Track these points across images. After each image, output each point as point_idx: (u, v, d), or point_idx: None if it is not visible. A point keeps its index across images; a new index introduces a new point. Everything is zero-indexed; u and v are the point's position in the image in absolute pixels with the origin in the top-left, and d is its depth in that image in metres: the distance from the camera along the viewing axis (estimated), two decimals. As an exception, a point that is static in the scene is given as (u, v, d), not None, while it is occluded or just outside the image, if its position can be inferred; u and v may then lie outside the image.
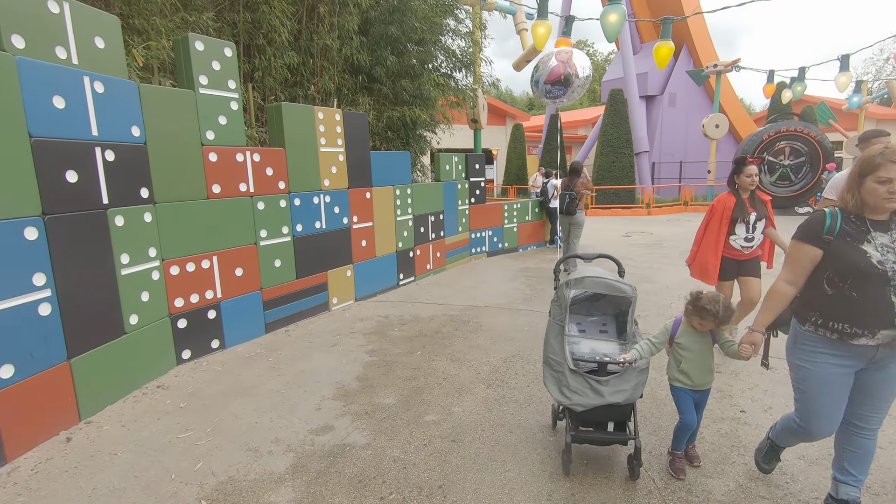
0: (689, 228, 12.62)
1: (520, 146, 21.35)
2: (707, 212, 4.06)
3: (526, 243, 9.78)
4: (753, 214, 3.84)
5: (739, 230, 3.89)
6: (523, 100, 49.04)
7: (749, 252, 3.97)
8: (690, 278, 6.73)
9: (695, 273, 4.23)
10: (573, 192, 7.41)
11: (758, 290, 3.99)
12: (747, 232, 3.87)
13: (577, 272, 2.66)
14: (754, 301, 4.04)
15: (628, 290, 2.60)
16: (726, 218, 3.89)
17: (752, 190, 3.87)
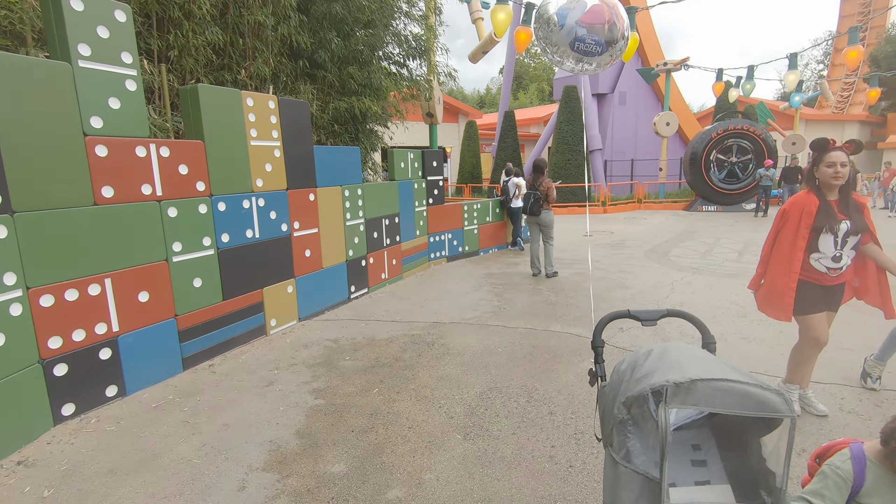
0: (648, 227, 12.49)
1: (473, 144, 20.83)
2: (777, 217, 3.02)
3: (487, 246, 9.16)
4: (845, 223, 2.76)
5: (825, 245, 2.81)
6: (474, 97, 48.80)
7: (837, 277, 2.87)
8: (674, 285, 6.20)
9: (761, 304, 3.14)
10: (538, 192, 6.85)
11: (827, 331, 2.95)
12: (835, 248, 2.80)
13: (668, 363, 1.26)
14: (822, 345, 2.97)
15: (781, 405, 1.14)
16: (805, 226, 2.82)
17: (842, 188, 2.80)
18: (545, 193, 6.88)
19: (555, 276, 7.10)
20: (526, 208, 6.96)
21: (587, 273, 7.27)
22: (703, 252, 8.88)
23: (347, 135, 7.36)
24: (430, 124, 9.69)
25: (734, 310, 5.31)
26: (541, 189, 6.89)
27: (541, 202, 6.89)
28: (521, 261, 8.36)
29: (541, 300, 5.84)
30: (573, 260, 8.32)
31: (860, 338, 4.35)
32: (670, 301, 5.71)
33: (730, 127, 15.70)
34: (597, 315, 5.20)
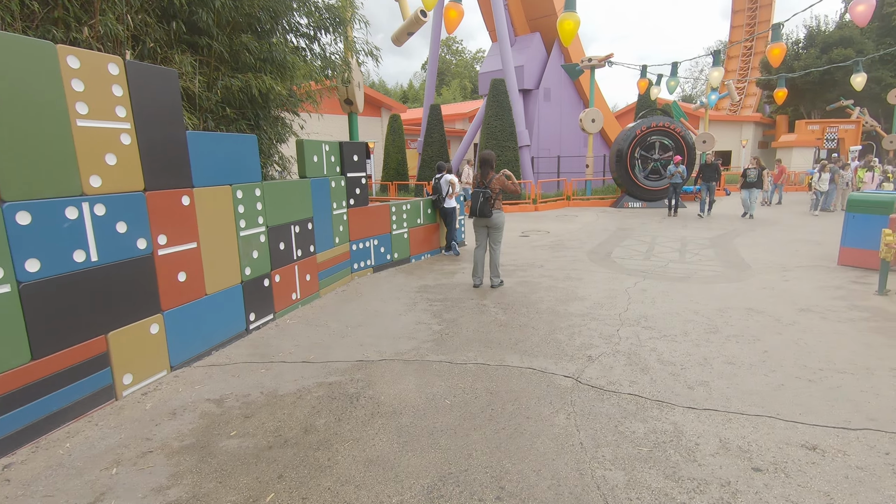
0: (582, 225, 12.11)
1: (398, 139, 19.66)
2: None
3: (419, 252, 8.11)
4: None
5: None
6: (397, 92, 47.47)
7: None
8: (629, 293, 5.58)
9: None
10: (488, 190, 5.91)
11: None
12: None
13: None
14: None
15: None
16: None
17: None
18: (497, 191, 5.95)
19: (500, 287, 6.21)
20: (475, 209, 5.98)
21: (534, 281, 6.46)
22: (645, 252, 8.47)
23: (245, 121, 5.94)
24: (349, 113, 8.44)
25: (702, 323, 4.69)
26: (491, 186, 5.95)
27: (491, 201, 5.95)
28: (458, 268, 7.40)
29: (489, 320, 4.89)
30: (515, 265, 7.51)
31: (852, 351, 3.84)
32: (631, 314, 5.01)
33: (652, 124, 15.91)
34: (556, 337, 4.35)
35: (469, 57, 67.34)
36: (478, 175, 6.11)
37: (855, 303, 5.29)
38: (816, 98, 29.59)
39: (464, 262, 7.89)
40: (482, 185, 6.00)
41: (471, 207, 6.04)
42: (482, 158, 6.07)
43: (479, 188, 6.00)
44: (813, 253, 8.11)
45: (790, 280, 6.36)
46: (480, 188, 5.99)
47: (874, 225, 6.85)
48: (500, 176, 6.00)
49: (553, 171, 21.40)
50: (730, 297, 5.56)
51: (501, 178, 5.98)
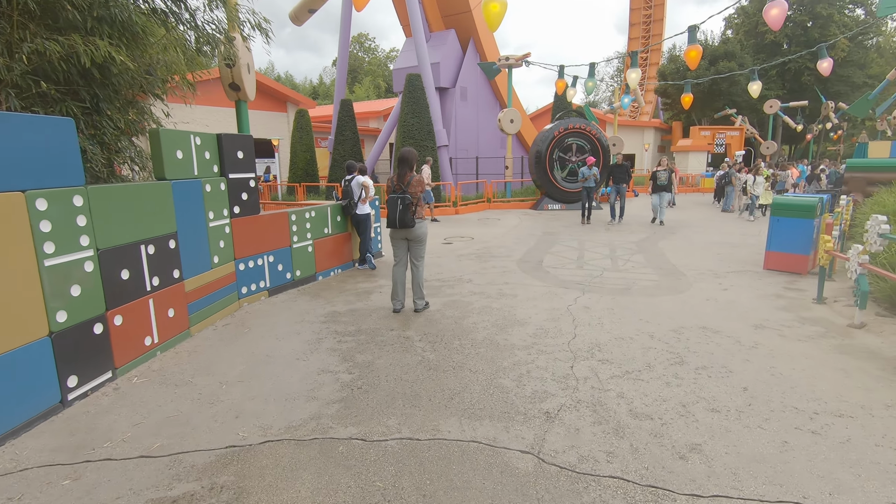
0: (506, 230, 11.48)
1: (306, 136, 17.96)
2: None
3: (327, 267, 6.86)
4: None
5: None
6: (306, 88, 44.80)
7: None
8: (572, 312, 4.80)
9: None
10: (407, 195, 4.86)
11: None
12: None
13: None
14: None
15: None
16: None
17: None
18: (418, 196, 4.92)
19: (425, 310, 5.20)
20: (392, 218, 4.90)
21: (464, 301, 5.53)
22: (576, 260, 7.92)
23: (76, 103, 4.35)
24: (236, 101, 6.97)
25: (662, 351, 4.03)
26: (411, 190, 4.91)
27: (412, 209, 4.91)
28: (375, 287, 6.28)
29: (415, 361, 3.86)
30: (441, 280, 6.55)
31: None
32: (581, 342, 4.25)
33: (570, 126, 15.84)
34: (501, 383, 3.42)
35: (383, 56, 65.89)
36: (393, 177, 5.05)
37: (801, 314, 4.98)
38: (706, 107, 32.17)
39: (381, 277, 6.78)
40: (399, 189, 4.95)
41: (387, 216, 4.97)
42: (401, 157, 5.02)
43: (396, 193, 4.95)
44: (736, 256, 8.04)
45: (728, 289, 6.04)
46: (397, 193, 4.94)
47: (798, 229, 6.80)
48: (421, 177, 5.00)
49: (472, 172, 20.88)
50: (679, 314, 5.02)
51: (421, 180, 4.97)
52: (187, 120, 6.76)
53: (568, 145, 15.99)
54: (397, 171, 5.07)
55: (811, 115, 31.46)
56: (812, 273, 6.83)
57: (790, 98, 29.61)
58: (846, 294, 5.62)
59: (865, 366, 3.68)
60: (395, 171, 5.08)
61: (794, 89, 32.52)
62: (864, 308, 4.51)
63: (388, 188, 5.10)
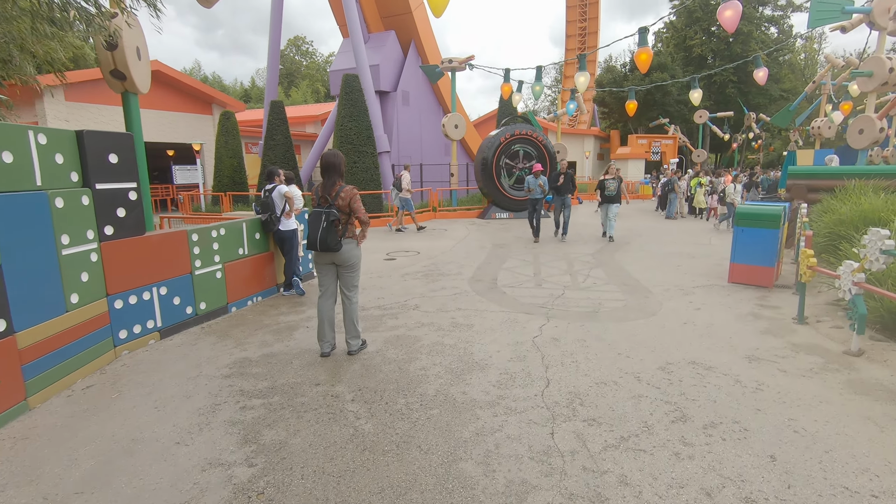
0: (455, 242, 10.64)
1: (232, 140, 16.31)
2: None
3: (243, 295, 5.67)
4: None
5: None
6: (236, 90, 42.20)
7: None
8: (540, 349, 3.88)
9: None
10: (333, 210, 3.85)
11: None
12: None
13: None
14: None
15: None
16: None
17: None
18: (348, 211, 3.93)
19: (361, 351, 4.20)
20: (313, 238, 3.87)
21: (411, 336, 4.57)
22: (533, 276, 7.18)
23: None
24: (123, 93, 5.65)
25: (657, 401, 3.27)
26: (339, 203, 3.90)
27: (339, 227, 3.90)
28: (301, 319, 5.17)
29: (345, 437, 2.85)
30: (382, 308, 5.55)
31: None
32: (558, 392, 3.41)
33: (516, 132, 15.34)
34: (463, 471, 2.50)
35: (321, 60, 63.82)
36: (318, 187, 4.03)
37: (789, 339, 4.44)
38: (641, 116, 33.22)
39: (310, 305, 5.68)
40: (325, 203, 3.94)
41: (309, 236, 3.93)
42: (326, 162, 4.00)
43: (321, 207, 3.93)
44: (697, 269, 7.62)
45: (701, 308, 5.47)
46: (322, 207, 3.93)
47: (764, 240, 6.41)
48: (351, 188, 4.01)
49: (416, 180, 19.99)
50: (660, 344, 4.32)
51: (352, 193, 3.99)
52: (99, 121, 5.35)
53: (515, 152, 15.48)
54: (323, 179, 4.05)
55: (735, 125, 33.29)
56: (779, 286, 6.46)
57: (716, 109, 31.14)
58: (826, 312, 5.19)
59: (891, 411, 3.09)
60: (322, 181, 4.05)
61: (720, 101, 34.34)
62: (863, 333, 4.00)
63: (313, 200, 4.08)
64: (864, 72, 11.89)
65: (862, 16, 11.99)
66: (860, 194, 8.33)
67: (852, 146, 12.28)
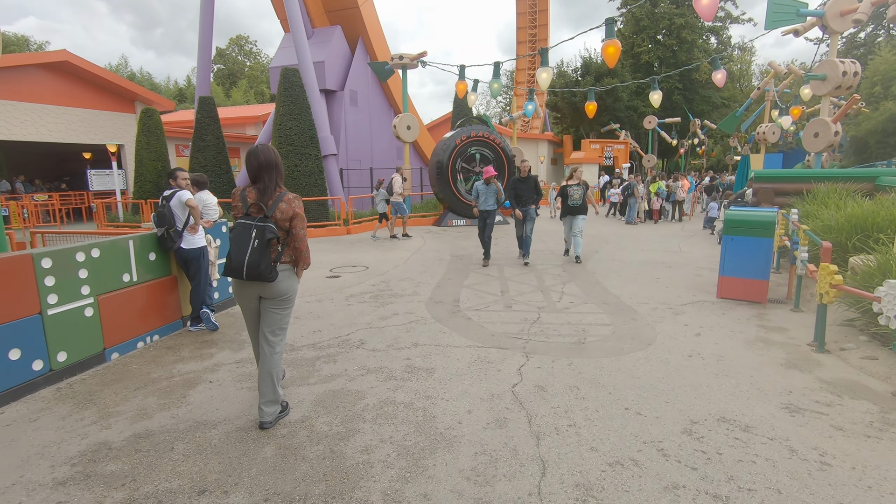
0: (409, 253, 9.50)
1: (156, 141, 14.43)
2: None
3: (131, 336, 4.30)
4: None
5: None
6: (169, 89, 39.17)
7: None
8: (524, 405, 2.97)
9: None
10: (269, 225, 2.71)
11: None
12: None
13: None
14: None
15: None
16: None
17: None
18: (288, 227, 2.80)
19: (280, 420, 3.01)
20: (238, 260, 2.70)
21: (351, 391, 3.42)
22: (501, 295, 6.18)
23: None
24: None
25: (704, 498, 2.30)
26: (277, 216, 2.82)
27: (277, 248, 2.77)
28: (205, 370, 3.88)
29: None
30: (317, 346, 4.34)
31: None
32: (555, 482, 2.39)
33: (472, 134, 14.43)
34: None
35: (266, 61, 60.98)
36: (245, 192, 2.88)
37: (820, 376, 3.63)
38: (593, 121, 33.38)
39: (223, 346, 4.39)
40: (256, 213, 2.81)
41: (230, 257, 2.74)
42: (259, 161, 2.88)
43: (249, 219, 2.80)
44: (678, 281, 6.88)
45: (701, 334, 4.64)
46: (251, 219, 2.78)
47: (757, 250, 5.71)
48: (296, 199, 2.87)
49: (366, 185, 18.71)
50: (672, 391, 3.40)
51: (295, 204, 2.86)
52: None
53: (471, 155, 14.56)
54: (255, 183, 2.89)
55: (681, 131, 34.12)
56: (772, 301, 5.78)
57: (663, 115, 31.76)
58: (843, 335, 4.47)
59: None
60: (254, 185, 2.89)
61: (666, 107, 35.11)
62: (919, 370, 3.23)
63: (237, 209, 2.89)
64: (818, 75, 11.78)
65: (815, 19, 11.94)
66: (837, 199, 7.95)
67: (807, 149, 12.16)
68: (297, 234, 2.90)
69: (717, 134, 38.61)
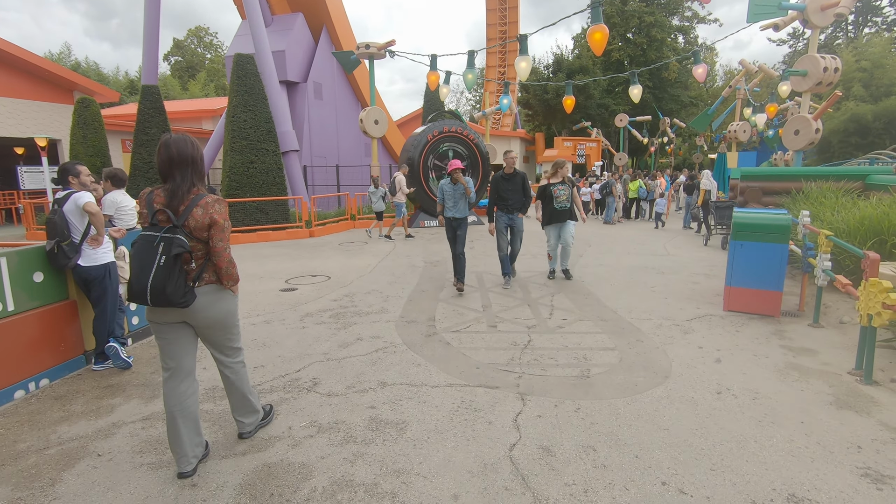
0: (377, 260, 8.57)
1: (93, 135, 12.97)
2: None
3: (7, 383, 3.26)
4: None
5: None
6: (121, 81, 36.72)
7: None
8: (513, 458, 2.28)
9: None
10: (178, 237, 1.94)
11: None
12: None
13: None
14: None
15: None
16: None
17: None
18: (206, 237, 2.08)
19: (263, 426, 2.11)
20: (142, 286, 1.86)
21: (290, 465, 2.51)
22: (483, 311, 5.36)
23: None
24: None
25: None
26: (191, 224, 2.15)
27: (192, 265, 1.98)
28: (95, 433, 2.89)
29: None
30: (262, 384, 3.39)
31: None
32: None
33: (444, 129, 13.58)
34: None
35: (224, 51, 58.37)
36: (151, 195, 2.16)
37: (885, 421, 2.95)
38: (566, 119, 33.10)
39: (133, 391, 3.39)
40: (164, 222, 2.14)
41: (132, 279, 1.89)
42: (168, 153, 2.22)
43: (154, 229, 2.11)
44: (675, 289, 6.23)
45: (721, 360, 3.94)
46: (157, 229, 2.11)
47: (770, 256, 5.07)
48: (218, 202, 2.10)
49: (332, 183, 17.60)
50: (714, 451, 2.64)
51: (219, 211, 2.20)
52: None
53: (443, 151, 13.71)
54: (165, 183, 2.20)
55: (651, 129, 34.22)
56: (786, 315, 5.16)
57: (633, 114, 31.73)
58: (880, 359, 3.84)
59: None
60: (161, 185, 2.20)
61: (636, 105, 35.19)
62: None
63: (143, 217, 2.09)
64: (799, 71, 11.43)
65: (796, 13, 11.62)
66: (833, 198, 7.49)
67: (788, 147, 11.81)
68: (215, 248, 2.25)
69: (684, 132, 38.98)
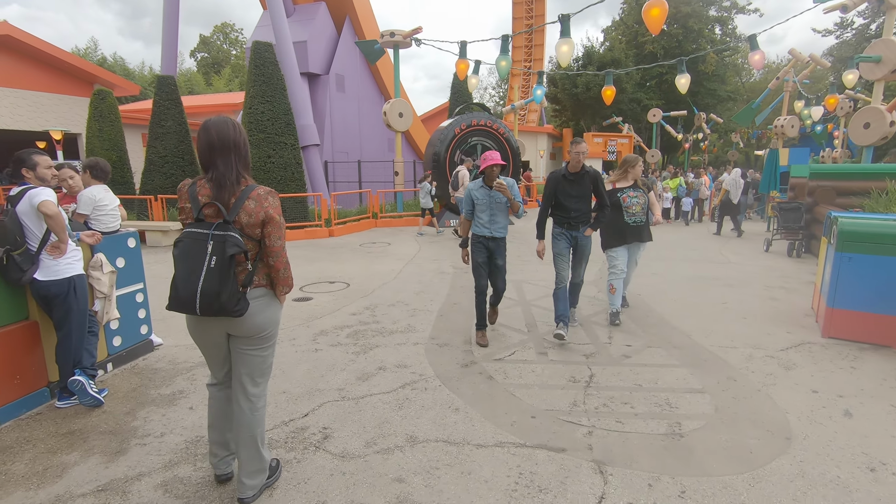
0: (401, 264, 7.78)
1: (109, 128, 12.53)
2: None
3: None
4: None
5: None
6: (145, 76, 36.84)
7: None
8: None
9: None
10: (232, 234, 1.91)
11: None
12: None
13: None
14: None
15: None
16: None
17: None
18: (259, 237, 2.04)
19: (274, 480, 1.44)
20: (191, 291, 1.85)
21: None
22: (528, 333, 4.51)
23: None
24: None
25: None
26: (243, 220, 2.00)
27: (245, 268, 2.00)
28: (46, 501, 2.17)
29: None
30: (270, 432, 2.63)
31: None
32: None
33: (472, 122, 12.72)
34: None
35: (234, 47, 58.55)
36: (194, 187, 2.01)
37: None
38: (595, 114, 31.80)
39: (97, 439, 2.66)
40: (213, 218, 1.98)
41: (177, 284, 1.77)
42: (208, 141, 1.97)
43: (202, 226, 1.91)
44: (757, 309, 5.25)
45: (851, 412, 3.01)
46: (205, 226, 1.92)
47: (890, 273, 4.09)
48: (270, 195, 2.02)
49: (353, 180, 16.91)
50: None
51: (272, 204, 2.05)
52: None
53: (472, 146, 12.86)
54: (206, 173, 2.02)
55: (685, 125, 32.64)
56: None
57: (667, 108, 30.24)
58: None
59: None
60: (203, 175, 2.03)
61: (670, 100, 33.61)
62: None
63: (185, 212, 2.04)
64: (872, 56, 10.17)
65: (870, -9, 10.37)
66: (937, 200, 6.37)
67: (856, 143, 10.56)
68: (272, 248, 2.03)
69: (720, 129, 37.16)
